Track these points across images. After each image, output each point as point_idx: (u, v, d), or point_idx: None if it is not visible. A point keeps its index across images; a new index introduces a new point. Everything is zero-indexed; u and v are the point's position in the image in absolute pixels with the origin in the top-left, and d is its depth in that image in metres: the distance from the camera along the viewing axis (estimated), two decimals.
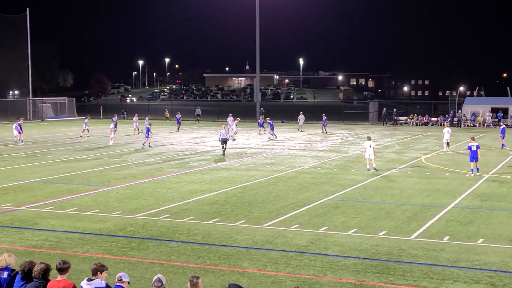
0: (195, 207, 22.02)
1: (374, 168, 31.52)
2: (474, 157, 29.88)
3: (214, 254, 15.95)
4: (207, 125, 70.70)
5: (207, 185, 26.79)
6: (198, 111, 79.44)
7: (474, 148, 29.91)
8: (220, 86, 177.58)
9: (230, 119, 56.30)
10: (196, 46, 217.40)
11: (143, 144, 43.27)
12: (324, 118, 59.40)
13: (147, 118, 56.58)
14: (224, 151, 38.22)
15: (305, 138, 52.63)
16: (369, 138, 32.05)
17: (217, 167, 32.65)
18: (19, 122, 45.68)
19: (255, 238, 17.57)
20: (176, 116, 62.12)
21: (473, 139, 30.97)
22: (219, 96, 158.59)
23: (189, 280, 9.15)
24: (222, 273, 14.34)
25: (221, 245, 16.78)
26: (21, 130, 45.46)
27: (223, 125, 41.00)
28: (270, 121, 53.11)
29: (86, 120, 53.22)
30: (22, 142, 45.12)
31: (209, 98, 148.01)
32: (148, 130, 43.20)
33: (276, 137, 50.96)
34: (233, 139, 48.16)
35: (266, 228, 18.87)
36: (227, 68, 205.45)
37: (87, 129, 52.34)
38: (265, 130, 56.65)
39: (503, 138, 43.39)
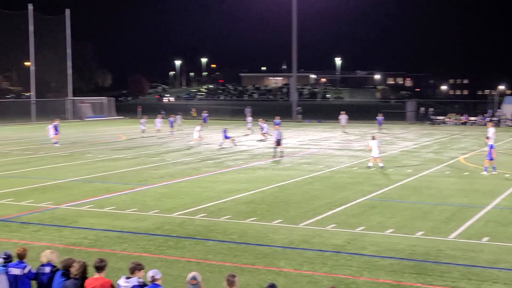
0: (231, 206, 22.08)
1: (381, 166, 31.88)
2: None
3: (251, 253, 15.98)
4: (245, 125, 70.76)
5: (244, 185, 26.85)
6: (248, 111, 78.79)
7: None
8: (256, 86, 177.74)
9: (261, 124, 56.21)
10: (233, 46, 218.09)
11: (220, 145, 42.97)
12: (381, 117, 58.70)
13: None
14: (276, 152, 37.56)
15: (342, 137, 52.39)
16: (374, 138, 32.75)
17: (254, 167, 32.69)
18: (54, 123, 45.35)
19: (292, 237, 17.56)
20: (203, 114, 62.07)
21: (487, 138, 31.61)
22: (255, 95, 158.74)
23: (225, 279, 9.19)
24: (259, 272, 14.36)
25: (258, 244, 16.80)
26: (57, 131, 45.06)
27: (276, 126, 40.76)
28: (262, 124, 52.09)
29: (143, 121, 53.75)
30: (56, 144, 44.00)
31: (245, 98, 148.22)
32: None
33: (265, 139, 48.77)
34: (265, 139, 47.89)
35: (302, 227, 18.84)
36: (263, 68, 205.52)
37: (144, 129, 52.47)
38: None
39: None
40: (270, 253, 16.01)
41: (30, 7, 78.57)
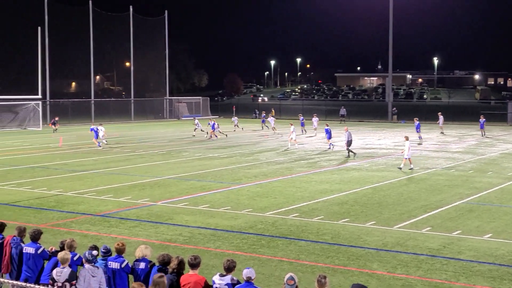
0: (324, 206, 22.01)
1: (411, 168, 31.45)
2: None
3: (343, 254, 15.88)
4: (338, 125, 70.38)
5: (337, 185, 26.70)
6: (342, 111, 78.41)
7: None
8: (351, 86, 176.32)
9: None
10: (328, 46, 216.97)
11: (330, 146, 42.32)
12: (483, 120, 57.11)
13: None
14: (349, 152, 37.25)
15: (439, 139, 51.19)
16: (407, 139, 32.15)
17: (347, 167, 32.44)
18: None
19: (385, 239, 17.32)
20: (301, 117, 61.48)
21: None
22: (350, 96, 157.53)
23: (316, 279, 9.17)
24: (351, 274, 14.25)
25: (350, 246, 16.67)
26: (96, 134, 43.48)
27: (346, 127, 40.36)
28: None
29: (234, 119, 55.61)
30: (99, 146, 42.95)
31: (340, 98, 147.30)
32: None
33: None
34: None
35: (396, 230, 18.55)
36: (358, 68, 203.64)
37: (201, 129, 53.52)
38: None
39: None
40: (363, 255, 15.85)
41: (131, 9, 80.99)
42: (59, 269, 10.33)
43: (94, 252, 10.47)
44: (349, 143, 37.30)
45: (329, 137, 42.18)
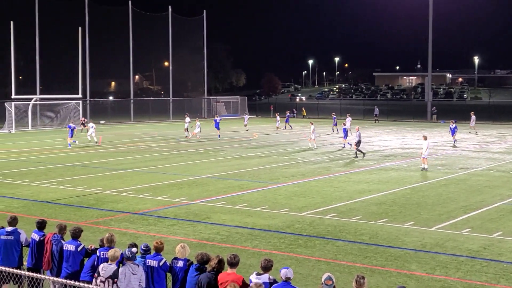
0: (362, 207, 21.89)
1: (425, 168, 31.16)
2: None
3: (381, 255, 15.77)
4: (377, 125, 69.98)
5: (375, 185, 26.53)
6: (376, 110, 77.76)
7: None
8: (390, 85, 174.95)
9: (348, 119, 55.04)
10: (367, 45, 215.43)
11: (344, 146, 42.55)
12: None
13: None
14: (357, 152, 36.81)
15: (479, 139, 50.49)
16: (425, 138, 31.89)
17: (386, 167, 32.21)
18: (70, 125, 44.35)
19: (424, 240, 17.15)
20: (334, 116, 61.05)
21: None
22: (388, 95, 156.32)
23: (354, 280, 9.13)
24: (389, 275, 14.15)
25: (389, 246, 16.55)
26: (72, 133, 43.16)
27: (357, 127, 39.99)
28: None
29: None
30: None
31: (378, 98, 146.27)
32: (345, 131, 43.39)
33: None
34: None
35: (435, 230, 18.35)
36: (397, 67, 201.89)
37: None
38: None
39: None
40: (401, 255, 15.73)
41: (170, 9, 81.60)
42: (106, 265, 10.51)
43: (134, 250, 10.58)
44: (358, 143, 36.90)
45: (346, 137, 42.91)
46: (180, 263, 10.59)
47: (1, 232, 12.39)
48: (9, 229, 12.37)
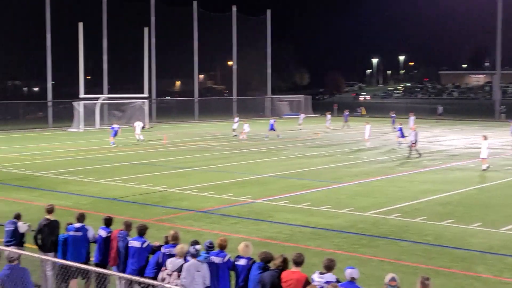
0: (427, 207, 21.56)
1: (484, 169, 30.22)
2: None
3: (447, 256, 15.51)
4: (443, 124, 68.73)
5: (440, 185, 26.08)
6: (440, 109, 76.23)
7: None
8: (456, 84, 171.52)
9: (412, 118, 53.81)
10: (432, 43, 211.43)
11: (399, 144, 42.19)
12: None
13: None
14: (411, 152, 36.21)
15: None
16: (485, 138, 30.92)
17: (451, 167, 31.62)
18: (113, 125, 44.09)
19: (491, 242, 16.78)
20: (392, 114, 60.05)
21: None
22: (455, 94, 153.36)
23: (419, 281, 9.01)
24: (455, 276, 13.91)
25: (454, 248, 16.26)
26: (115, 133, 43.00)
27: (414, 127, 39.14)
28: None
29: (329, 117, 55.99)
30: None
31: (444, 96, 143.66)
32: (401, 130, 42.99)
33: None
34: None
35: (503, 232, 17.93)
36: (464, 65, 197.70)
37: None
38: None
39: None
40: (467, 257, 15.43)
41: (234, 8, 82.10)
42: (174, 259, 10.80)
43: (198, 247, 10.73)
44: (414, 143, 36.19)
45: (402, 136, 42.25)
46: (243, 262, 10.66)
47: (70, 228, 12.74)
48: (77, 225, 12.72)
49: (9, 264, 10.05)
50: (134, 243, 11.90)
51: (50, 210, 13.19)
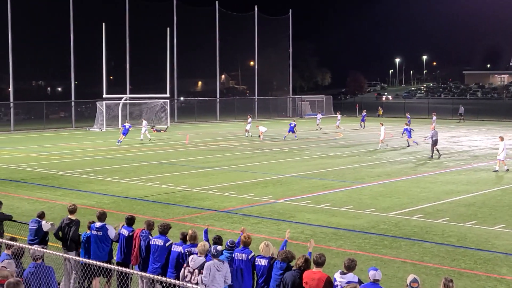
0: (450, 208, 21.39)
1: (497, 170, 30.07)
2: None
3: (470, 257, 15.38)
4: (466, 124, 68.20)
5: (464, 186, 25.87)
6: (461, 109, 75.51)
7: None
8: (480, 84, 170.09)
9: (434, 118, 53.03)
10: (456, 43, 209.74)
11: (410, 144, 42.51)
12: None
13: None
14: (436, 153, 35.80)
15: None
16: (502, 139, 30.60)
17: (475, 168, 31.35)
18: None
19: None
20: (408, 116, 59.32)
21: None
22: (478, 94, 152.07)
23: (442, 282, 8.95)
24: (478, 278, 13.78)
25: (478, 249, 16.12)
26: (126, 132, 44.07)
27: (433, 126, 38.84)
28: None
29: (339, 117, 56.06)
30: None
31: (468, 97, 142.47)
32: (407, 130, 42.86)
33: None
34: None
35: None
36: (488, 65, 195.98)
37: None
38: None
39: None
40: (491, 259, 15.28)
41: (256, 9, 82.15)
42: (196, 257, 10.84)
43: (219, 248, 10.77)
44: (435, 142, 35.91)
45: (410, 136, 42.92)
46: (264, 262, 10.66)
47: (91, 227, 12.81)
48: (98, 224, 12.78)
49: (34, 262, 10.18)
50: (157, 241, 11.97)
51: (72, 211, 13.29)
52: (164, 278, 9.32)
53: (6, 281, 8.18)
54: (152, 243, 12.00)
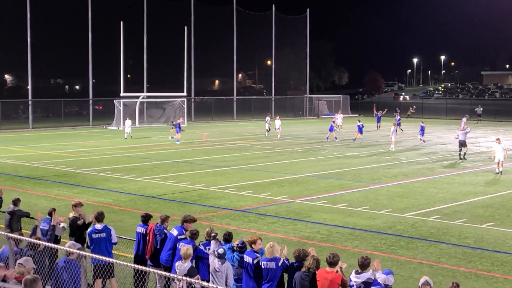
0: (467, 209, 21.27)
1: (497, 173, 29.60)
2: None
3: (487, 259, 15.28)
4: (484, 125, 67.74)
5: (481, 187, 25.71)
6: (479, 110, 74.82)
7: None
8: (498, 85, 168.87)
9: (464, 119, 52.39)
10: (474, 43, 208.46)
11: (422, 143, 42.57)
12: None
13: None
14: (462, 155, 35.55)
15: None
16: (499, 142, 30.28)
17: (492, 169, 31.10)
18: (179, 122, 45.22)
19: None
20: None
21: None
22: (497, 95, 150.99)
23: (449, 287, 8.93)
24: (495, 280, 13.69)
25: (495, 251, 16.01)
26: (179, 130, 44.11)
27: (461, 126, 38.62)
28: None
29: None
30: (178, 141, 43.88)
31: (486, 97, 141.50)
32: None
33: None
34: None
35: None
36: (507, 66, 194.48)
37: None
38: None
39: None
40: (508, 260, 15.18)
41: (273, 8, 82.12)
42: (180, 263, 10.67)
43: (220, 251, 10.77)
44: (460, 143, 35.61)
45: (422, 134, 43.49)
46: (272, 265, 10.54)
47: (92, 230, 12.52)
48: (98, 226, 12.59)
49: (66, 257, 10.49)
50: (174, 232, 12.08)
51: (77, 204, 13.52)
52: (180, 276, 9.28)
53: (23, 277, 8.26)
54: (170, 233, 12.13)
